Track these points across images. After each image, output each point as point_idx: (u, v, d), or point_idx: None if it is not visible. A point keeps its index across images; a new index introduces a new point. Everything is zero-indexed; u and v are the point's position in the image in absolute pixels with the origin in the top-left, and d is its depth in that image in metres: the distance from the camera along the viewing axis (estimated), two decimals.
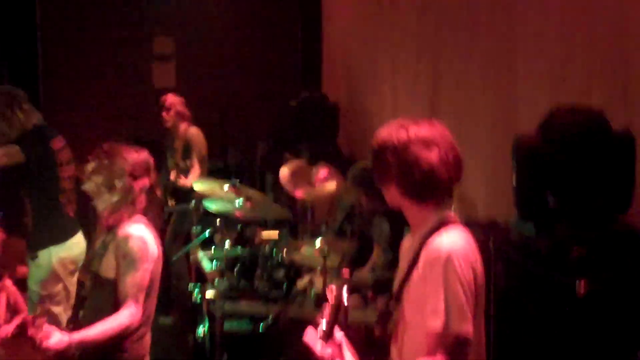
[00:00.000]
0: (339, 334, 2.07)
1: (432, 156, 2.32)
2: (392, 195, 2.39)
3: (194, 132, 6.59)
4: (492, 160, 4.23)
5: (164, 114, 6.60)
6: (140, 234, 3.16)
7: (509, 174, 3.07)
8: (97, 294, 3.24)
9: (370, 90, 6.71)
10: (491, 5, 4.32)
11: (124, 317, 3.05)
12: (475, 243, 2.33)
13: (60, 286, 4.59)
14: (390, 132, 2.37)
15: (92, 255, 3.36)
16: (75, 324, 3.29)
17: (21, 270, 6.50)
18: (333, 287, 2.14)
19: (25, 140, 4.50)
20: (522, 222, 3.07)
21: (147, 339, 3.29)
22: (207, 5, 8.76)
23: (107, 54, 8.49)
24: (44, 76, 8.34)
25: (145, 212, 3.29)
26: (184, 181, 6.29)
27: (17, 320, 6.07)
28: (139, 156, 3.27)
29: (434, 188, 2.35)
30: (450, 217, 2.36)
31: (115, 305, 3.11)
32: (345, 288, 2.08)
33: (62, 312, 4.63)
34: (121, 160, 3.21)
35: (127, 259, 3.10)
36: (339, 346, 2.08)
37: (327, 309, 2.08)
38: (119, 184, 3.19)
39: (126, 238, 3.14)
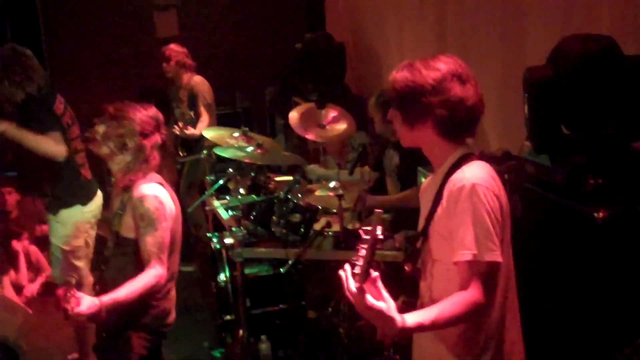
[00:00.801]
0: (374, 272, 2.09)
1: (470, 92, 2.32)
2: (423, 136, 2.37)
3: (198, 81, 6.55)
4: (503, 92, 4.20)
5: (164, 64, 6.55)
6: (154, 193, 3.16)
7: (521, 106, 3.06)
8: (119, 253, 3.26)
9: (375, 27, 6.64)
10: None
11: (150, 276, 3.07)
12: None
13: (81, 241, 4.65)
14: (416, 72, 2.33)
15: (112, 215, 3.37)
16: (101, 283, 3.32)
17: (41, 229, 6.59)
18: (366, 227, 2.14)
19: (31, 103, 4.48)
20: (536, 153, 3.07)
21: (173, 293, 3.33)
22: None
23: (109, 5, 8.41)
24: (46, 31, 8.27)
25: (160, 168, 3.29)
26: (191, 131, 6.28)
27: (40, 279, 6.22)
28: (147, 113, 3.25)
29: (474, 124, 2.37)
30: (470, 153, 2.37)
31: (138, 265, 3.13)
32: (379, 226, 2.08)
33: (84, 265, 4.71)
34: (130, 119, 3.19)
35: (145, 220, 3.10)
36: (375, 283, 2.10)
37: (362, 248, 2.09)
38: (130, 143, 3.18)
39: (141, 198, 3.13)
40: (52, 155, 4.40)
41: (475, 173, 2.27)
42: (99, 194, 4.77)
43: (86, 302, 2.90)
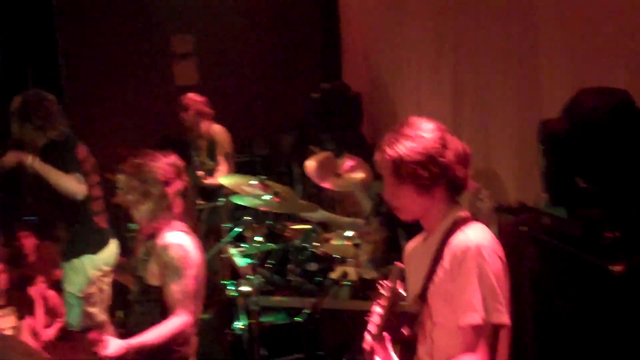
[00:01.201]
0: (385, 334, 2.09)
1: (457, 144, 2.39)
2: (431, 200, 2.36)
3: (217, 130, 6.60)
4: (519, 144, 4.23)
5: (182, 114, 6.61)
6: (179, 241, 3.19)
7: (537, 157, 3.08)
8: (145, 300, 3.28)
9: (392, 78, 6.71)
10: None
11: (176, 323, 3.11)
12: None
13: (94, 288, 4.67)
14: (419, 139, 2.33)
15: (136, 261, 3.40)
16: (124, 328, 3.34)
17: (56, 273, 6.61)
18: (386, 282, 2.13)
19: (52, 148, 4.55)
20: (553, 205, 3.08)
21: (194, 340, 3.35)
22: (225, 1, 8.79)
23: (128, 54, 8.55)
24: (67, 79, 8.41)
25: (182, 215, 3.32)
26: (210, 180, 6.32)
27: (58, 324, 6.23)
28: (168, 160, 3.29)
29: (463, 186, 2.39)
30: (467, 214, 2.38)
31: (163, 311, 3.16)
32: (399, 281, 2.08)
33: (99, 311, 4.72)
34: (151, 167, 3.23)
35: (170, 268, 3.13)
36: (384, 344, 2.10)
37: (378, 304, 2.08)
38: (153, 191, 3.22)
39: (166, 247, 3.16)
40: (73, 192, 4.44)
41: (479, 235, 2.27)
42: (113, 242, 4.79)
43: (114, 345, 2.96)
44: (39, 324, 6.06)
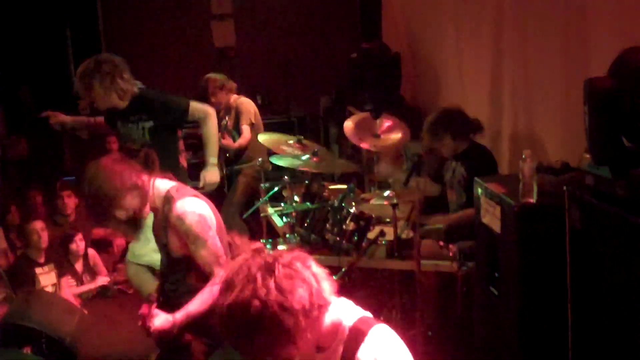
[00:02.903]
0: None
1: None
2: None
3: (244, 101, 6.51)
4: (563, 104, 4.15)
5: (212, 100, 6.54)
6: (191, 208, 3.13)
7: (581, 118, 3.02)
8: (175, 270, 3.26)
9: (431, 38, 6.63)
10: None
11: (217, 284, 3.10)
12: None
13: None
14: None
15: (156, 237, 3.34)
16: (165, 298, 3.33)
17: (97, 232, 6.72)
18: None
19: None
20: (596, 166, 3.02)
21: None
22: None
23: (168, 14, 8.56)
24: (106, 41, 8.46)
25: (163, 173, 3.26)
26: (228, 141, 6.27)
27: (97, 282, 6.33)
28: (121, 167, 3.12)
29: None
30: None
31: (197, 276, 3.15)
32: None
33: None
34: (106, 186, 3.06)
35: (191, 237, 3.09)
36: None
37: None
38: (125, 200, 3.08)
39: (180, 217, 3.10)
40: None
41: None
42: None
43: (161, 319, 2.97)
44: (79, 281, 6.18)
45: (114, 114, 4.75)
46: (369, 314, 2.13)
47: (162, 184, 3.22)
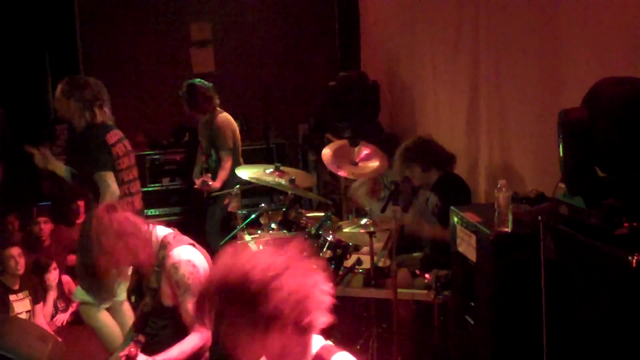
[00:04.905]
0: None
1: None
2: None
3: (223, 120, 6.53)
4: (538, 134, 4.19)
5: (195, 108, 6.56)
6: (187, 257, 3.14)
7: (556, 148, 3.05)
8: (160, 316, 3.26)
9: (409, 67, 6.68)
10: None
11: (197, 339, 3.10)
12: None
13: None
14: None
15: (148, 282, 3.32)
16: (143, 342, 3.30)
17: (71, 258, 6.65)
18: None
19: (89, 132, 4.66)
20: (570, 195, 3.04)
21: (207, 355, 3.31)
22: None
23: (146, 40, 8.56)
24: (85, 66, 8.44)
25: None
26: (212, 184, 6.21)
27: (71, 309, 6.25)
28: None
29: None
30: None
31: (180, 330, 3.16)
32: None
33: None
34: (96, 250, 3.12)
35: (182, 288, 3.10)
36: None
37: None
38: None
39: (175, 265, 3.12)
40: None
41: None
42: None
43: None
44: (53, 308, 6.11)
45: None
46: (330, 343, 2.14)
47: (160, 230, 3.23)
